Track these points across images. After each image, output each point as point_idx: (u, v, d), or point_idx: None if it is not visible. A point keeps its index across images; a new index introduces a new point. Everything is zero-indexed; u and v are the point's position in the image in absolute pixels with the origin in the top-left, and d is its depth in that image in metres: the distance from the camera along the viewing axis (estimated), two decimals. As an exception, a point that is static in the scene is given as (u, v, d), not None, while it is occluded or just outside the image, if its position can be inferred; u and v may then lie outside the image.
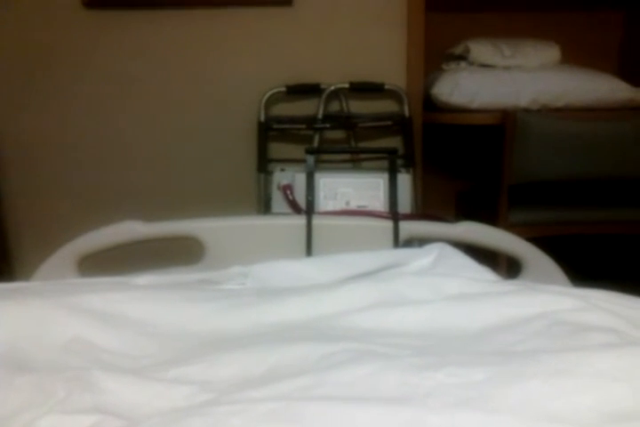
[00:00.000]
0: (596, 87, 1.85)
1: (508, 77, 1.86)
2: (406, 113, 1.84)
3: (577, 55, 2.06)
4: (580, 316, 0.64)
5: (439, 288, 0.74)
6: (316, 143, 1.85)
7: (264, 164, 1.85)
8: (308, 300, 0.74)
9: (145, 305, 0.74)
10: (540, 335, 0.60)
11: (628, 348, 0.55)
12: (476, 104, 1.84)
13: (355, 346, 0.59)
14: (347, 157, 1.85)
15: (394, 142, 1.90)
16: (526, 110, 1.80)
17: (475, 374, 0.51)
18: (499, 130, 1.75)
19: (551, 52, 1.97)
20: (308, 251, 1.10)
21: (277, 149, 1.90)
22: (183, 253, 1.15)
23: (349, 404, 0.48)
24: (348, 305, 0.72)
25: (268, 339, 0.64)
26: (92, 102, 1.88)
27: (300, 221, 1.12)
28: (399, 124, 1.85)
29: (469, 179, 2.36)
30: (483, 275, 0.88)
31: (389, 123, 1.85)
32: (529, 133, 1.72)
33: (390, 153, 1.22)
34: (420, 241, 1.16)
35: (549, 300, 0.69)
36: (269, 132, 1.86)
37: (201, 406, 0.51)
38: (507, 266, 1.57)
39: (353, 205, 1.23)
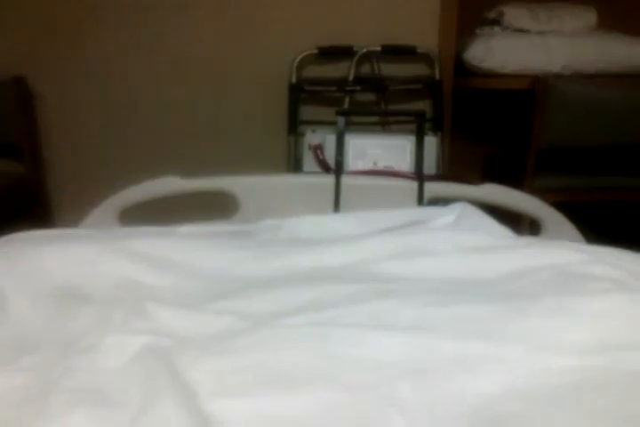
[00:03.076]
0: (629, 53, 1.83)
1: (541, 42, 1.85)
2: (437, 76, 1.85)
3: (615, 20, 2.02)
4: (585, 268, 0.69)
5: (458, 242, 0.80)
6: (346, 105, 1.88)
7: (294, 126, 1.88)
8: (337, 249, 0.81)
9: (187, 250, 0.82)
10: (545, 283, 0.66)
11: (625, 292, 0.60)
12: (507, 69, 1.84)
13: (379, 286, 0.66)
14: (376, 119, 1.87)
15: (424, 106, 1.91)
16: (558, 76, 1.80)
17: (480, 310, 0.58)
18: (529, 95, 1.75)
19: (587, 17, 1.94)
20: (336, 208, 1.17)
21: (308, 111, 1.93)
22: (218, 208, 1.22)
23: (372, 329, 0.56)
24: (373, 254, 0.79)
25: (301, 281, 0.71)
26: (124, 62, 1.92)
27: (330, 179, 1.18)
28: (429, 88, 1.86)
29: (498, 144, 2.36)
30: (500, 231, 0.94)
31: (420, 86, 1.86)
32: (559, 99, 1.72)
33: (418, 115, 1.26)
34: (444, 202, 1.20)
35: (558, 253, 0.74)
36: (300, 94, 1.88)
37: (242, 330, 0.58)
38: (529, 229, 1.60)
39: (380, 166, 1.28)
